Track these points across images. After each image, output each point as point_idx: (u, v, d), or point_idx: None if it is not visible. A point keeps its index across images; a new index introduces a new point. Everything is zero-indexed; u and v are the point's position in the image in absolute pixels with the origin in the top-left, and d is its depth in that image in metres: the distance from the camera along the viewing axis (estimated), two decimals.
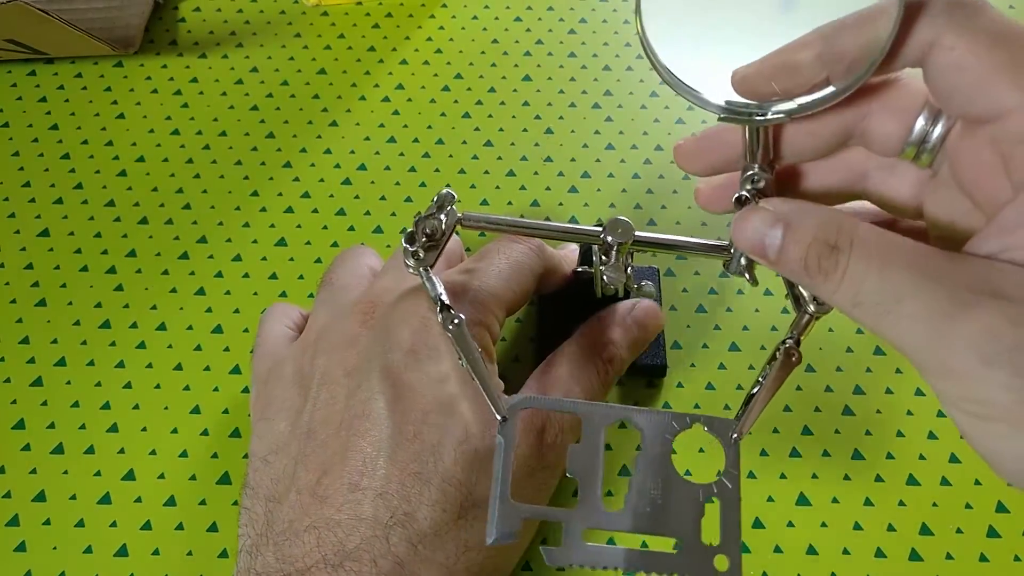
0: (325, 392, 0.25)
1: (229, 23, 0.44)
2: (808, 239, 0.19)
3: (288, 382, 0.27)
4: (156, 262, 0.35)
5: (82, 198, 0.37)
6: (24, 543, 0.28)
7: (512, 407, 0.23)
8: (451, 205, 0.25)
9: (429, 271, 0.24)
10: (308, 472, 0.24)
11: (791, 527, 0.29)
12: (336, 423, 0.24)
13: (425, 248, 0.24)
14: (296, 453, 0.25)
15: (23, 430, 0.31)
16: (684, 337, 0.33)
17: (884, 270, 0.17)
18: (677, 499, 0.22)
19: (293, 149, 0.39)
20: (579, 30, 0.44)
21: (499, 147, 0.39)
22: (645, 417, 0.23)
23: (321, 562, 0.22)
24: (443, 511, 0.23)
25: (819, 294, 0.20)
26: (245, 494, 0.25)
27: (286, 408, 0.26)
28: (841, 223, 0.19)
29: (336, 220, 0.37)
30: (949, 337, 0.17)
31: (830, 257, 0.18)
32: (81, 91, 0.41)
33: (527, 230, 0.26)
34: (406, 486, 0.23)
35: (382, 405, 0.24)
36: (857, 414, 0.31)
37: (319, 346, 0.27)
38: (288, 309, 0.30)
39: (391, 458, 0.23)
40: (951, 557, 0.28)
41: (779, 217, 0.19)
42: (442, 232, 0.25)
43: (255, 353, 0.29)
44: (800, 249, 0.19)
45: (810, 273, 0.19)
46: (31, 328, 0.33)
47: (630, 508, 0.22)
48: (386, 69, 0.42)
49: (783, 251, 0.19)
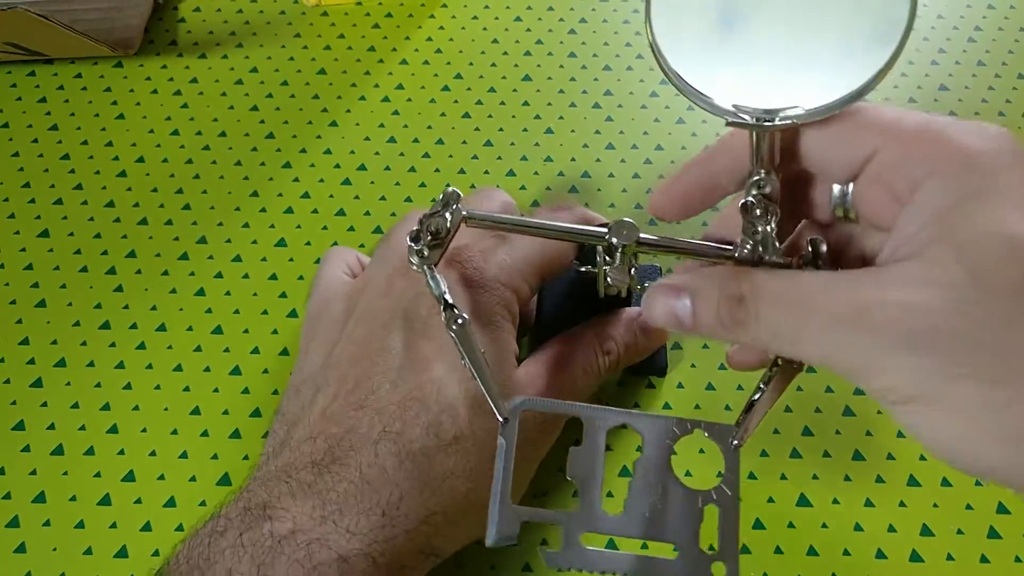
0: (356, 331, 0.27)
1: (229, 23, 0.44)
2: (715, 299, 0.21)
3: (330, 321, 0.28)
4: (156, 263, 0.35)
5: (82, 199, 0.37)
6: (24, 544, 0.28)
7: (513, 409, 0.23)
8: (456, 203, 0.25)
9: (433, 269, 0.25)
10: (325, 398, 0.26)
11: (792, 528, 0.29)
12: (358, 357, 0.26)
13: (430, 246, 0.25)
14: (320, 382, 0.26)
15: (23, 431, 0.31)
16: (684, 338, 0.33)
17: (790, 306, 0.20)
18: (676, 505, 0.22)
19: (293, 149, 0.39)
20: (579, 30, 0.44)
21: (499, 147, 0.39)
22: (646, 421, 0.23)
23: (310, 464, 0.24)
24: (436, 436, 0.24)
25: (739, 341, 0.21)
26: (275, 420, 0.27)
27: (324, 344, 0.28)
28: (739, 277, 0.21)
29: (336, 220, 0.37)
30: (855, 339, 0.19)
31: (739, 308, 0.20)
32: (81, 92, 0.41)
33: (533, 229, 0.26)
34: (404, 408, 0.24)
35: (399, 340, 0.26)
36: (858, 415, 0.31)
37: (364, 293, 0.28)
38: (346, 253, 0.32)
39: (396, 384, 0.25)
40: (952, 558, 0.28)
41: (683, 288, 0.21)
42: (447, 231, 0.25)
43: (311, 291, 0.31)
44: (711, 310, 0.21)
45: (726, 327, 0.20)
46: (31, 329, 0.33)
47: (629, 512, 0.22)
48: (386, 69, 0.42)
49: (696, 316, 0.21)
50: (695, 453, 0.30)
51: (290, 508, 0.23)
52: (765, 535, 0.29)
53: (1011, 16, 0.45)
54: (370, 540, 0.22)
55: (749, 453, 0.30)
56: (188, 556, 0.22)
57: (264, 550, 0.22)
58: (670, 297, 0.22)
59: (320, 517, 0.22)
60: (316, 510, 0.23)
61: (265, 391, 0.32)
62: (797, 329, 0.19)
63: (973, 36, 0.44)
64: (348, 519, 0.23)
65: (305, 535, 0.22)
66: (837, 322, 0.19)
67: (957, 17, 0.45)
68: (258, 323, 0.34)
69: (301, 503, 0.23)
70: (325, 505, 0.23)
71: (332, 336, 0.28)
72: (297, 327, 0.33)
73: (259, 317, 0.34)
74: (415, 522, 0.23)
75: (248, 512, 0.23)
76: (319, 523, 0.22)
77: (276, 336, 0.33)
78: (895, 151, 0.20)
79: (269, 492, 0.23)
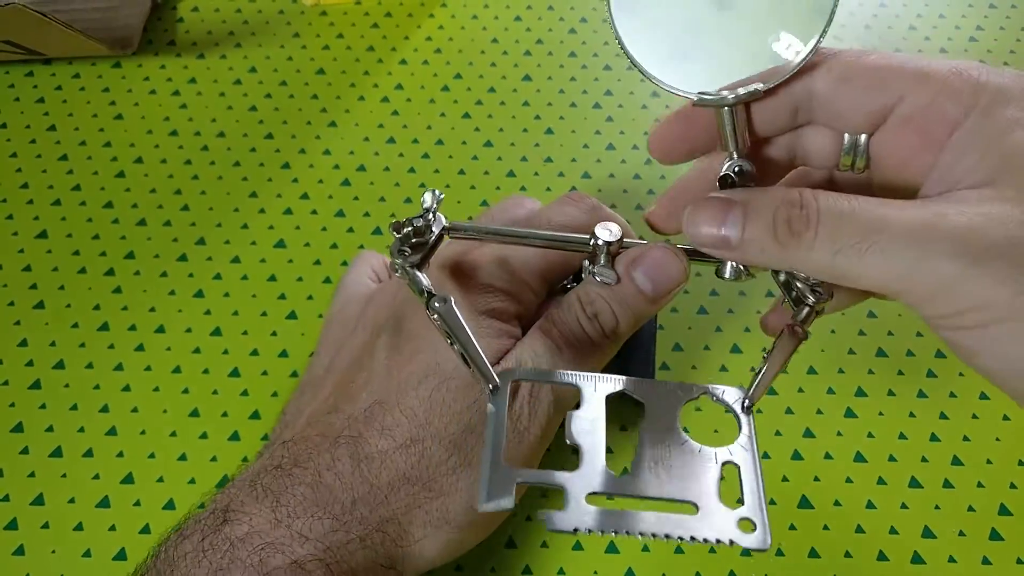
0: (357, 337, 0.27)
1: (227, 23, 0.44)
2: (771, 209, 0.19)
3: (341, 325, 0.29)
4: (154, 264, 0.35)
5: (80, 199, 0.37)
6: (23, 547, 0.28)
7: (503, 375, 0.22)
8: (436, 205, 0.25)
9: (413, 270, 0.24)
10: (316, 402, 0.26)
11: (793, 530, 0.29)
12: (353, 362, 0.26)
13: (412, 247, 0.24)
14: (319, 386, 0.27)
15: (21, 433, 0.31)
16: (685, 339, 0.33)
17: (856, 212, 0.18)
18: (691, 463, 0.21)
19: (292, 150, 0.39)
20: (579, 29, 0.44)
21: (499, 147, 0.39)
22: (648, 387, 0.22)
23: (276, 468, 0.23)
24: (391, 438, 0.23)
25: (795, 261, 0.19)
26: (278, 419, 0.28)
27: (332, 347, 0.28)
28: (796, 189, 0.19)
29: (335, 221, 0.37)
30: (935, 249, 0.17)
31: (799, 216, 0.19)
32: (79, 92, 0.40)
33: (516, 239, 0.25)
34: (370, 412, 0.24)
35: (384, 346, 0.26)
36: (859, 416, 0.31)
37: (374, 298, 0.28)
38: (373, 258, 0.32)
39: (372, 390, 0.25)
40: (953, 560, 0.28)
41: (734, 199, 0.20)
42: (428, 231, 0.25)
43: (335, 293, 0.31)
44: (766, 221, 0.19)
45: (781, 240, 0.19)
46: (29, 330, 0.33)
47: (639, 472, 0.20)
48: (385, 69, 0.42)
49: (747, 231, 0.19)
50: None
51: (250, 511, 0.22)
52: None
53: (1012, 16, 0.45)
54: (324, 545, 0.22)
55: None
56: (156, 558, 0.22)
57: (220, 554, 0.21)
58: (717, 210, 0.20)
59: (275, 520, 0.22)
60: (272, 512, 0.22)
61: (264, 393, 0.32)
62: (864, 241, 0.18)
63: (975, 36, 0.44)
64: (301, 522, 0.22)
65: (260, 538, 0.22)
66: (911, 234, 0.18)
67: (959, 17, 0.45)
68: (257, 325, 0.33)
69: (259, 506, 0.23)
70: (280, 507, 0.22)
71: (340, 340, 0.28)
72: (296, 328, 0.33)
73: (258, 319, 0.34)
74: (369, 528, 0.23)
75: (212, 515, 0.23)
76: (274, 526, 0.22)
77: (275, 338, 0.33)
78: (926, 93, 0.20)
79: (234, 495, 0.23)
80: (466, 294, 0.26)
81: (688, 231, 0.21)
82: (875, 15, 0.45)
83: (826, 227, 0.18)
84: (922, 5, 0.45)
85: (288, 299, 0.34)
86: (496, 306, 0.26)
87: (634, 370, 0.30)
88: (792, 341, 0.22)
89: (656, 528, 0.20)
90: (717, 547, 0.19)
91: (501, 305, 0.26)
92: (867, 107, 0.21)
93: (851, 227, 0.18)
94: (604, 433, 0.21)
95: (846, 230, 0.18)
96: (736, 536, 0.19)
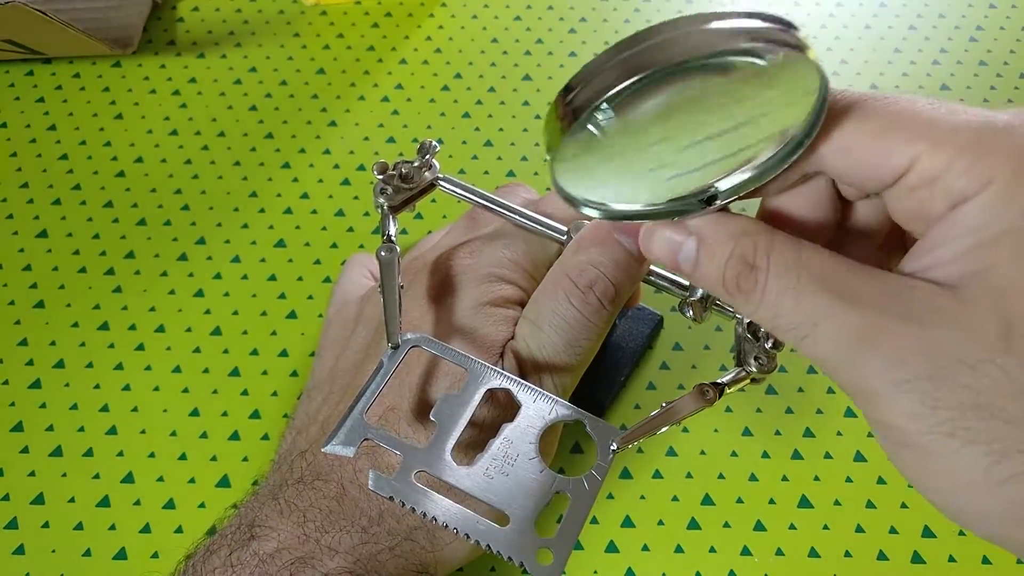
0: (359, 337, 0.27)
1: (227, 23, 0.44)
2: (724, 255, 0.18)
3: (341, 325, 0.29)
4: (155, 263, 0.35)
5: (80, 199, 0.37)
6: (23, 546, 0.28)
7: (406, 341, 0.23)
8: (430, 154, 0.25)
9: (389, 213, 0.25)
10: (328, 407, 0.26)
11: (793, 529, 0.29)
12: (359, 363, 0.26)
13: (395, 188, 0.24)
14: (326, 390, 0.26)
15: (21, 432, 0.31)
16: (685, 339, 0.33)
17: (800, 294, 0.17)
18: (528, 480, 0.21)
19: (292, 149, 0.39)
20: (579, 29, 0.44)
21: (499, 147, 0.39)
22: (532, 394, 0.22)
23: (298, 482, 0.23)
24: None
25: (737, 310, 0.19)
26: (288, 425, 0.28)
27: (334, 348, 0.28)
28: (757, 237, 0.18)
29: (335, 221, 0.37)
30: (864, 361, 0.16)
31: (748, 277, 0.18)
32: (79, 91, 0.40)
33: (499, 210, 0.26)
34: (386, 417, 0.24)
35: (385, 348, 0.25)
36: (860, 416, 0.31)
37: (373, 296, 0.28)
38: (367, 260, 0.32)
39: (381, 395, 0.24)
40: (953, 560, 0.28)
41: (691, 229, 0.19)
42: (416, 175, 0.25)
43: (331, 295, 0.31)
44: (717, 266, 0.18)
45: (729, 291, 0.18)
46: (29, 330, 0.33)
47: (476, 470, 0.21)
48: (385, 69, 0.42)
49: (699, 266, 0.19)
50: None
51: (276, 526, 0.22)
52: (766, 537, 0.29)
53: (1013, 15, 0.45)
54: (354, 558, 0.22)
55: (751, 455, 0.30)
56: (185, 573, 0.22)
57: (250, 570, 0.21)
58: (674, 233, 0.19)
59: (303, 535, 0.22)
60: (299, 528, 0.22)
61: (264, 392, 0.32)
62: (800, 329, 0.17)
63: (975, 36, 0.44)
64: (330, 536, 0.22)
65: (289, 554, 0.22)
66: (844, 338, 0.16)
67: (959, 17, 0.45)
68: (257, 324, 0.33)
69: (286, 521, 0.23)
70: (307, 523, 0.22)
71: (343, 340, 0.28)
72: (296, 328, 0.33)
73: (258, 318, 0.34)
74: (398, 538, 0.23)
75: (240, 530, 0.23)
76: (302, 542, 0.22)
77: (275, 337, 0.33)
78: (941, 157, 0.16)
79: (259, 510, 0.23)
80: (472, 286, 0.26)
81: (642, 245, 0.20)
82: (875, 15, 0.45)
83: (768, 301, 0.17)
84: (922, 5, 0.45)
85: (288, 299, 0.34)
86: (501, 294, 0.26)
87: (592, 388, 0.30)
88: (697, 402, 0.21)
89: (460, 524, 0.20)
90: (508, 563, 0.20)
91: (505, 292, 0.26)
92: (875, 172, 0.18)
93: (793, 309, 0.17)
94: (466, 421, 0.22)
95: (786, 309, 0.17)
96: (528, 561, 0.20)
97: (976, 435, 0.15)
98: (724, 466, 0.30)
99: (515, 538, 0.20)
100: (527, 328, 0.25)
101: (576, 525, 0.20)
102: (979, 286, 0.16)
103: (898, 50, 0.43)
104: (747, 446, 0.31)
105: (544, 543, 0.20)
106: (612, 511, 0.29)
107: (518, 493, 0.21)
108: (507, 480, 0.21)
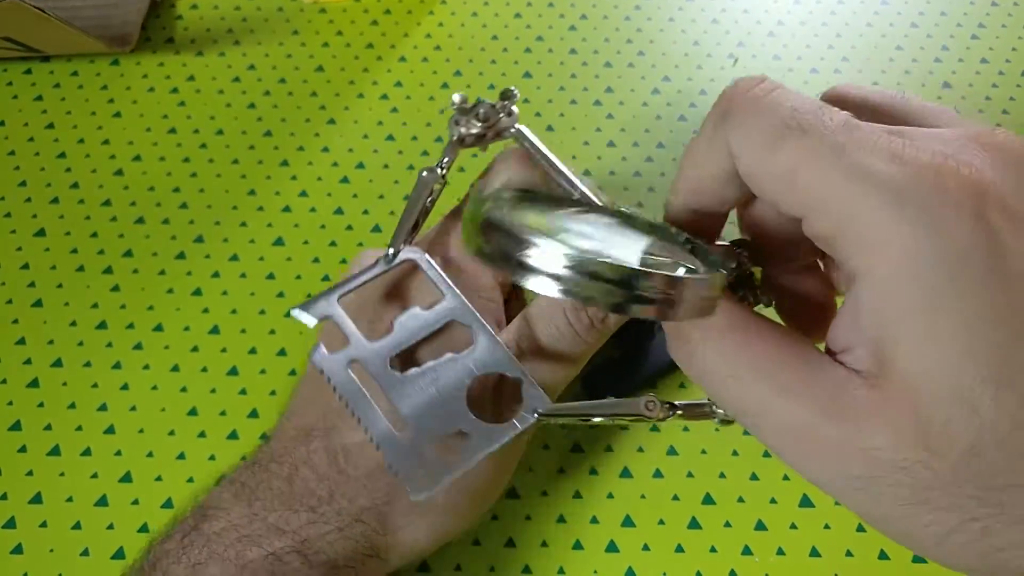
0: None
1: (226, 21, 0.44)
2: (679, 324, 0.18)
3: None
4: (153, 262, 0.35)
5: (78, 197, 0.37)
6: (21, 545, 0.28)
7: (404, 252, 0.24)
8: (511, 101, 0.24)
9: (456, 142, 0.25)
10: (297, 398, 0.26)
11: (794, 529, 0.29)
12: None
13: (467, 126, 0.24)
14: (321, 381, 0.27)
15: (19, 431, 0.30)
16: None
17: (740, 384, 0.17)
18: (443, 405, 0.21)
19: (290, 148, 0.39)
20: (580, 27, 0.44)
21: (499, 145, 0.39)
22: (489, 340, 0.23)
23: (254, 464, 0.24)
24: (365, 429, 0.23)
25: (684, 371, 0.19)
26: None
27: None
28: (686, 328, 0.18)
29: (334, 219, 0.36)
30: (808, 453, 0.16)
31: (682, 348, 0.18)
32: (77, 90, 0.40)
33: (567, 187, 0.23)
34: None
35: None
36: None
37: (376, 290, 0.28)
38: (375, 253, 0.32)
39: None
40: None
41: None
42: (492, 116, 0.24)
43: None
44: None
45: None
46: (27, 329, 0.33)
47: (403, 377, 0.22)
48: (384, 66, 0.42)
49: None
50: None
51: (228, 508, 0.23)
52: (768, 536, 0.29)
53: (1015, 13, 0.44)
54: (301, 538, 0.22)
55: (754, 453, 0.30)
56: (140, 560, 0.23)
57: (198, 549, 0.22)
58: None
59: (251, 515, 0.23)
60: (248, 507, 0.23)
61: (263, 391, 0.32)
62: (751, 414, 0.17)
63: (976, 33, 0.44)
64: (277, 515, 0.23)
65: (236, 532, 0.22)
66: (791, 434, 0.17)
67: (960, 14, 0.44)
68: (256, 323, 0.33)
69: (237, 503, 0.23)
70: (256, 502, 0.23)
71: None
72: (295, 327, 0.33)
73: (256, 317, 0.33)
74: (348, 519, 0.23)
75: (195, 514, 0.23)
76: (250, 521, 0.22)
77: (274, 336, 0.33)
78: (827, 222, 0.16)
79: (216, 494, 0.23)
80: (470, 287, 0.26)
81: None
82: (877, 12, 0.44)
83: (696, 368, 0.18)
84: (924, 3, 0.45)
85: (287, 297, 0.34)
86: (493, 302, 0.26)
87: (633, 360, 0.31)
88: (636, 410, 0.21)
89: (346, 388, 0.22)
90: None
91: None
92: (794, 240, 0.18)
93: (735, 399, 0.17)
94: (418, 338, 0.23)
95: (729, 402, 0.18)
96: (403, 473, 0.20)
97: (923, 521, 0.16)
98: (725, 465, 0.30)
99: (405, 448, 0.21)
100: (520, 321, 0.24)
101: (459, 465, 0.20)
102: (890, 378, 0.15)
103: (900, 48, 0.43)
104: (748, 445, 0.30)
105: (428, 468, 0.20)
106: (612, 510, 0.29)
107: (427, 412, 0.21)
108: (426, 398, 0.22)
